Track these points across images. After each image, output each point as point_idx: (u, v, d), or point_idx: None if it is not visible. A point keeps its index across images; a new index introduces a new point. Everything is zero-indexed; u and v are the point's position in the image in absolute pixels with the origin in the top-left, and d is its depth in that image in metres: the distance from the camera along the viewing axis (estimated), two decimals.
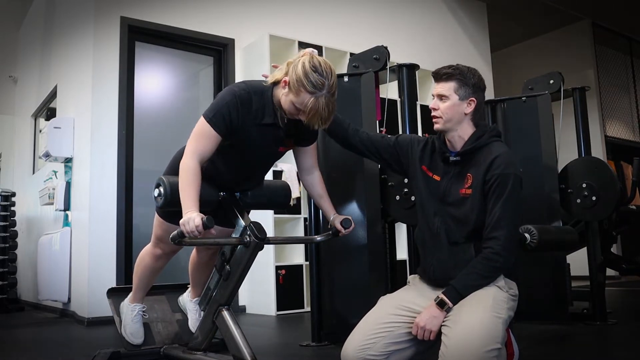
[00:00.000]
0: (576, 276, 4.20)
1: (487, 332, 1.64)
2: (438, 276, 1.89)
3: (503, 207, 1.79)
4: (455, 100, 1.90)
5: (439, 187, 1.95)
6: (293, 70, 1.84)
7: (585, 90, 3.64)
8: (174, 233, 1.79)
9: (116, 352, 2.33)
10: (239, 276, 2.04)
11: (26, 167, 6.31)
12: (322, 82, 1.82)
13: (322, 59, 1.88)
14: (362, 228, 2.83)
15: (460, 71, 1.91)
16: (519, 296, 1.87)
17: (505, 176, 1.81)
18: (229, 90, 1.97)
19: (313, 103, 1.82)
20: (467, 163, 1.90)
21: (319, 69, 1.82)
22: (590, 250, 3.44)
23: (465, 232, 1.86)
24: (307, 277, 4.42)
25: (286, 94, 1.87)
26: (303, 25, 5.25)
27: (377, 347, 1.79)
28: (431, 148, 2.03)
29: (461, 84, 1.90)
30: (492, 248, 1.78)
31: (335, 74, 1.88)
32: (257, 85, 1.98)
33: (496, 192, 1.81)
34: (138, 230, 4.29)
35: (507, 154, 1.87)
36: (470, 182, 1.87)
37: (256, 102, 1.95)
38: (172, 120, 4.83)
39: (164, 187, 2.02)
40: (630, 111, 8.72)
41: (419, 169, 2.02)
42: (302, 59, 1.86)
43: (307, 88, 1.81)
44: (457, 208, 1.88)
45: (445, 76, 1.91)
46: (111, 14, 4.37)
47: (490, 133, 1.92)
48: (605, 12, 7.82)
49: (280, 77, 1.91)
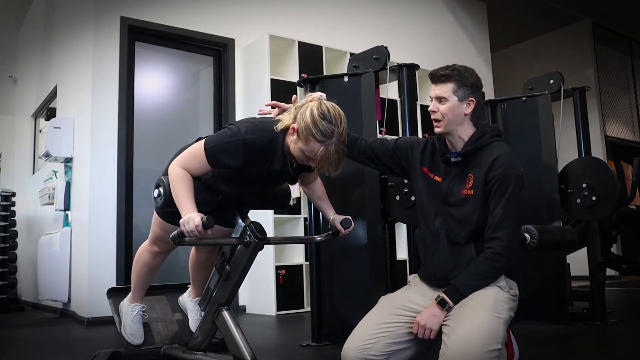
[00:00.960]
0: (576, 276, 4.20)
1: (488, 333, 1.64)
2: (439, 277, 1.89)
3: (505, 207, 1.79)
4: (455, 101, 1.89)
5: (440, 188, 1.94)
6: (301, 118, 1.81)
7: (585, 90, 3.63)
8: (174, 233, 1.79)
9: (116, 352, 2.33)
10: (239, 276, 2.04)
11: (26, 167, 6.31)
12: (332, 130, 1.79)
13: (330, 104, 1.85)
14: (362, 228, 2.83)
15: (458, 72, 1.89)
16: (519, 296, 1.87)
17: (507, 176, 1.81)
18: (238, 130, 1.88)
19: (323, 152, 1.80)
20: (468, 163, 1.90)
21: (327, 116, 1.79)
22: (590, 250, 3.44)
23: (467, 232, 1.86)
24: (307, 277, 4.42)
25: (295, 142, 1.84)
26: (303, 25, 5.25)
27: (378, 347, 1.79)
28: (431, 149, 2.02)
29: (460, 84, 1.89)
30: (494, 248, 1.78)
31: (344, 119, 1.85)
32: (268, 128, 1.91)
33: (498, 192, 1.81)
34: (138, 230, 4.29)
35: (509, 154, 1.86)
36: (471, 183, 1.87)
37: (264, 149, 1.90)
38: (172, 120, 4.83)
39: (164, 188, 2.02)
40: (630, 111, 8.72)
41: (420, 171, 2.02)
42: (310, 105, 1.82)
43: (317, 137, 1.78)
44: (459, 208, 1.88)
45: (444, 77, 1.89)
46: (111, 14, 4.37)
47: (490, 133, 1.92)
48: (605, 12, 7.82)
49: (289, 123, 1.86)
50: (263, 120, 1.96)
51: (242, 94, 4.90)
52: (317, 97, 1.87)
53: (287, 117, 1.89)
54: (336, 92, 3.00)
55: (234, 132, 1.88)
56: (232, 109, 4.82)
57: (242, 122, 1.94)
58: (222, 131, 1.94)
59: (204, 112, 4.96)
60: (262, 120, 1.98)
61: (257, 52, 4.78)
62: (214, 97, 4.93)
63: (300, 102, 1.89)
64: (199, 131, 4.85)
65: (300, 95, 2.22)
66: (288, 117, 1.88)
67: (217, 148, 1.88)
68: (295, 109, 1.87)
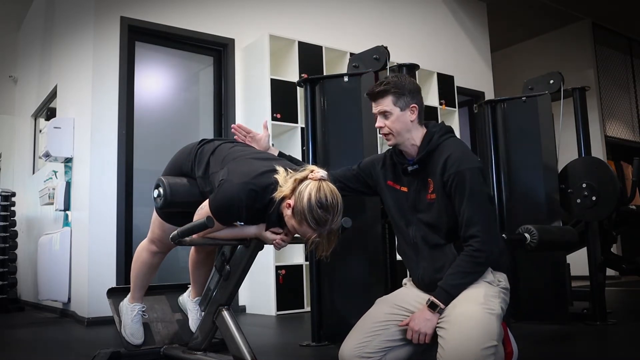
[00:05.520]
0: (576, 276, 4.20)
1: (483, 330, 1.65)
2: (427, 283, 1.90)
3: (469, 203, 1.79)
4: (398, 112, 1.91)
5: (407, 197, 1.96)
6: (299, 198, 1.79)
7: (585, 90, 3.63)
8: (174, 233, 1.79)
9: (116, 352, 2.33)
10: (239, 276, 2.04)
11: (26, 167, 6.31)
12: (326, 220, 1.78)
13: (329, 188, 1.81)
14: (362, 228, 2.83)
15: (393, 84, 1.91)
16: (519, 296, 1.87)
17: (461, 173, 1.81)
18: (238, 193, 1.84)
19: (314, 237, 1.81)
20: (425, 168, 1.92)
21: (324, 204, 1.77)
22: (590, 250, 3.44)
23: (442, 234, 1.88)
24: (307, 277, 4.42)
25: (289, 217, 1.83)
26: (303, 25, 5.26)
27: (373, 344, 1.81)
28: (391, 162, 2.05)
29: (398, 95, 1.90)
30: (473, 246, 1.78)
31: (341, 205, 1.82)
32: (267, 189, 1.87)
33: (458, 191, 1.81)
34: (138, 230, 4.29)
35: (458, 150, 1.86)
36: (432, 187, 1.89)
37: (261, 211, 1.91)
38: (172, 120, 4.83)
39: (164, 188, 2.02)
40: (630, 111, 8.72)
41: (385, 185, 2.05)
42: (309, 188, 1.78)
43: (310, 224, 1.78)
44: (427, 214, 1.90)
45: (381, 93, 1.91)
46: (111, 14, 4.37)
47: (439, 133, 1.93)
48: (605, 12, 7.82)
49: (287, 193, 1.83)
50: (264, 181, 1.88)
51: (242, 94, 4.90)
52: (318, 177, 1.82)
53: (285, 187, 1.83)
54: (336, 92, 3.00)
55: (236, 196, 1.84)
56: (232, 109, 4.82)
57: (244, 187, 1.86)
58: (224, 190, 1.88)
59: (204, 112, 4.96)
60: (264, 181, 1.88)
61: (257, 52, 4.78)
62: (214, 97, 4.93)
63: (300, 174, 1.85)
64: (199, 131, 4.85)
65: (300, 95, 2.21)
66: (287, 187, 1.83)
67: (223, 209, 1.87)
68: (294, 181, 1.83)
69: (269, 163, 1.95)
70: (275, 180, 1.86)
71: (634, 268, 3.90)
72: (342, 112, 2.98)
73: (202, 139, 2.21)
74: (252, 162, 1.95)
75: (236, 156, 1.99)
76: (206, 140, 2.18)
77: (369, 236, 2.86)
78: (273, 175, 1.88)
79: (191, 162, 2.12)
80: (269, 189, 1.86)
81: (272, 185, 1.86)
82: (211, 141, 2.17)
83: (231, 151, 2.04)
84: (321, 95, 3.01)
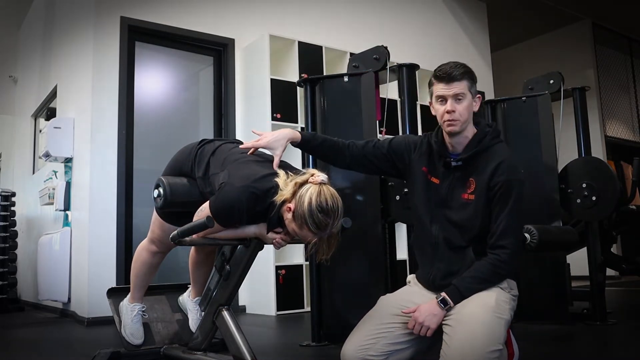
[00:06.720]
0: (576, 276, 4.20)
1: (490, 333, 1.64)
2: (437, 285, 1.86)
3: (509, 215, 1.77)
4: (470, 99, 1.84)
5: (438, 191, 1.90)
6: (299, 202, 1.78)
7: (585, 90, 3.63)
8: (174, 233, 1.79)
9: (116, 352, 2.33)
10: (239, 276, 2.04)
11: (26, 167, 6.31)
12: (326, 224, 1.78)
13: (329, 193, 1.80)
14: (362, 228, 2.83)
15: (469, 69, 1.85)
16: (518, 296, 1.87)
17: (510, 182, 1.78)
18: (239, 196, 1.84)
19: (315, 240, 1.82)
20: (469, 167, 1.85)
21: (324, 209, 1.76)
22: (590, 250, 3.44)
23: (468, 237, 1.84)
24: (307, 277, 4.42)
25: (290, 220, 1.83)
26: (303, 25, 5.25)
27: (377, 347, 1.79)
28: (427, 148, 1.96)
29: (472, 81, 1.85)
30: (500, 256, 1.76)
31: (342, 209, 1.81)
32: (267, 193, 1.86)
33: (502, 199, 1.78)
34: (138, 230, 4.29)
35: (511, 158, 1.84)
36: (473, 188, 1.83)
37: (261, 214, 1.91)
38: (172, 120, 4.83)
39: (164, 188, 2.02)
40: (630, 111, 8.72)
41: (419, 171, 1.96)
42: (309, 192, 1.78)
43: (310, 228, 1.78)
44: (458, 213, 1.84)
45: (459, 76, 1.81)
46: (111, 14, 4.37)
47: (491, 135, 1.87)
48: (605, 12, 7.82)
49: (288, 197, 1.82)
50: (265, 184, 1.87)
51: (242, 94, 4.90)
52: (318, 181, 1.81)
53: (286, 190, 1.83)
54: (336, 92, 3.00)
55: (236, 199, 1.84)
56: (232, 109, 4.82)
57: (245, 189, 1.85)
58: (224, 193, 1.87)
59: (204, 112, 4.95)
60: (265, 184, 1.88)
61: (257, 52, 4.78)
62: (214, 97, 4.93)
63: (301, 178, 1.84)
64: (199, 131, 4.85)
65: (300, 95, 2.20)
66: (287, 191, 1.82)
67: (224, 211, 1.86)
68: (295, 185, 1.82)
69: (269, 166, 1.94)
70: (275, 183, 1.86)
71: (634, 268, 3.91)
72: (342, 112, 2.98)
73: (202, 139, 2.21)
74: (253, 165, 1.94)
75: (236, 158, 1.99)
76: (206, 141, 2.18)
77: (369, 236, 2.86)
78: (274, 179, 1.87)
79: (191, 162, 2.12)
80: (270, 192, 1.86)
81: (272, 188, 1.86)
82: (211, 141, 2.16)
83: (231, 152, 2.04)
84: (321, 95, 3.01)
